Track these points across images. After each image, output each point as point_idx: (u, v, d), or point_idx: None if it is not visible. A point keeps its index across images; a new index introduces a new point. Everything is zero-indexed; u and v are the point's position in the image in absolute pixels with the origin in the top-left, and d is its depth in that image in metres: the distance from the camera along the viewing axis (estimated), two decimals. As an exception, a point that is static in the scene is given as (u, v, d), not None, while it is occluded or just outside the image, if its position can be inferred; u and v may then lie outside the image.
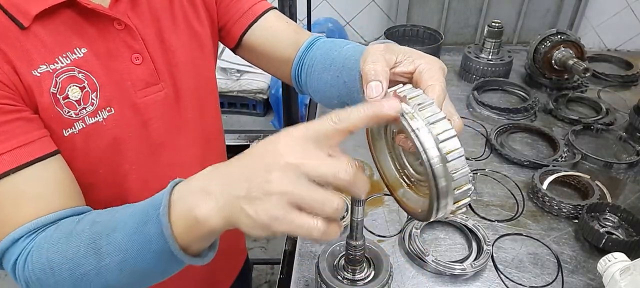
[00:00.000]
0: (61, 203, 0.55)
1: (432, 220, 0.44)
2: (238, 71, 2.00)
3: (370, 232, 0.87)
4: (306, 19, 1.71)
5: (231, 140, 1.92)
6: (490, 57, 1.39)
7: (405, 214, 0.90)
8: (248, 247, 2.28)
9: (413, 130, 0.41)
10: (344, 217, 0.85)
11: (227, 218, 0.43)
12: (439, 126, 0.41)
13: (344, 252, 0.70)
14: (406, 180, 0.52)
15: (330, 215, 0.41)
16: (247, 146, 1.75)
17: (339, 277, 0.69)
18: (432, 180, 0.41)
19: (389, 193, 0.87)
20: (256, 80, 2.02)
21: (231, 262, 1.01)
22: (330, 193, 0.41)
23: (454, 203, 0.42)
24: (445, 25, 2.12)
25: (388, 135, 0.53)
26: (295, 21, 1.37)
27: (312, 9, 1.73)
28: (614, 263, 0.69)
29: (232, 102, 2.12)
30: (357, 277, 0.69)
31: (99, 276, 0.50)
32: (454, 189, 0.41)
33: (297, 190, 0.40)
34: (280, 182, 0.40)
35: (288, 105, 1.54)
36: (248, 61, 0.84)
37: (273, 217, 0.40)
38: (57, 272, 0.50)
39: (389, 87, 0.48)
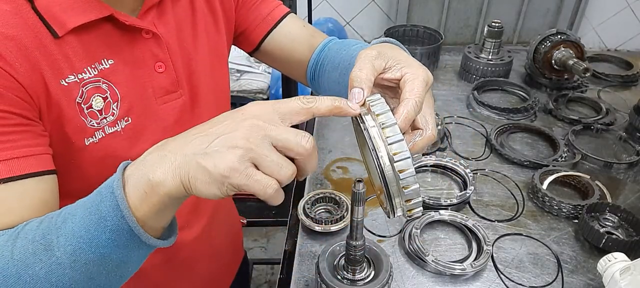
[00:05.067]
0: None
1: (391, 216, 0.48)
2: (238, 71, 2.00)
3: (370, 232, 0.87)
4: (306, 19, 1.71)
5: (231, 140, 1.92)
6: (490, 57, 1.39)
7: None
8: (248, 247, 2.29)
9: (368, 130, 0.46)
10: (343, 217, 0.85)
11: (183, 177, 0.43)
12: (388, 131, 0.45)
13: (344, 252, 0.70)
14: None
15: (284, 180, 0.43)
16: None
17: (339, 277, 0.69)
18: (381, 176, 0.45)
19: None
20: (256, 80, 2.02)
21: (229, 262, 1.01)
22: (288, 160, 0.44)
23: (407, 201, 0.46)
24: (445, 25, 2.12)
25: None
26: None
27: (312, 9, 1.73)
28: (614, 263, 0.69)
29: (232, 102, 2.12)
30: (357, 277, 0.69)
31: (48, 275, 0.46)
32: (403, 188, 0.45)
33: (260, 149, 0.42)
34: (246, 137, 0.42)
35: (288, 105, 1.54)
36: (264, 63, 0.87)
37: (233, 168, 0.41)
38: (3, 277, 0.46)
39: (376, 92, 0.51)
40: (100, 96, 0.58)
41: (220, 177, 0.42)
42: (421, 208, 0.47)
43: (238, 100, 2.12)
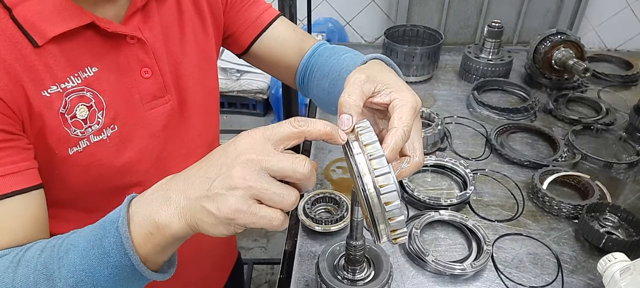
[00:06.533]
0: (26, 239, 0.53)
1: (377, 242, 0.48)
2: (238, 71, 2.00)
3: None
4: (306, 19, 1.71)
5: (231, 140, 1.92)
6: (490, 57, 1.39)
7: (406, 215, 0.90)
8: (248, 247, 2.29)
9: (354, 157, 0.46)
10: (343, 217, 0.85)
11: (189, 220, 0.44)
12: (375, 162, 0.45)
13: (344, 252, 0.70)
14: None
15: (288, 207, 0.44)
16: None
17: (339, 277, 0.69)
18: (367, 206, 0.45)
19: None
20: (256, 80, 2.02)
21: (222, 263, 1.00)
22: (289, 187, 0.44)
23: (392, 231, 0.46)
24: (445, 25, 2.12)
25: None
26: (295, 21, 1.37)
27: (312, 9, 1.73)
28: (614, 263, 0.69)
29: (232, 102, 2.12)
30: (357, 277, 0.69)
31: None
32: (389, 219, 0.45)
33: (259, 184, 0.42)
34: (243, 177, 0.42)
35: (288, 105, 1.55)
36: (253, 65, 0.86)
37: (237, 210, 0.42)
38: None
39: (363, 118, 0.52)
40: (84, 105, 0.57)
41: (226, 220, 0.43)
42: (407, 237, 0.47)
43: (238, 100, 2.12)
